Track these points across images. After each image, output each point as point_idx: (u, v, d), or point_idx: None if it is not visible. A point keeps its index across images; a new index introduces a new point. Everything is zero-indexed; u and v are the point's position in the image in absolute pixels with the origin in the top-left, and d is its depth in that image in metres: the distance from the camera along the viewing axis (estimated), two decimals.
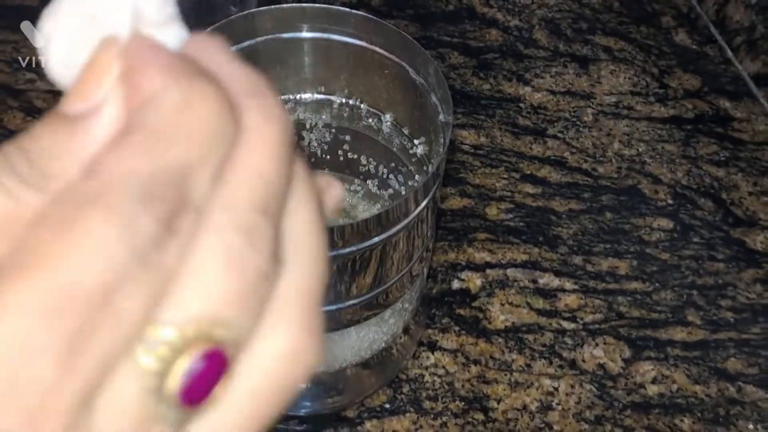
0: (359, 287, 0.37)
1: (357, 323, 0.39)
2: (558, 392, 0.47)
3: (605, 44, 0.67)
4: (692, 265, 0.53)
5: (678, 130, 0.61)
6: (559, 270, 0.52)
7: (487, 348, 0.48)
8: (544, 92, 0.63)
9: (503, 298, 0.50)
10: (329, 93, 0.44)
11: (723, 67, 0.66)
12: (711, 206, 0.57)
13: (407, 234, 0.36)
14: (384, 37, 0.40)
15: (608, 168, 0.58)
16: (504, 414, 0.45)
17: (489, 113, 0.61)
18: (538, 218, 0.55)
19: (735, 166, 0.59)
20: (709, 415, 0.46)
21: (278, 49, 0.41)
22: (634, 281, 0.52)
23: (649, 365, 0.48)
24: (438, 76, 0.37)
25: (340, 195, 0.19)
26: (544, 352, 0.48)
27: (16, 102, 0.58)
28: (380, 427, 0.44)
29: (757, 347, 0.50)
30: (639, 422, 0.46)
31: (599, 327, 0.50)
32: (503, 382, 0.47)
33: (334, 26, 0.40)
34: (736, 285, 0.53)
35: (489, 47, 0.66)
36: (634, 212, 0.56)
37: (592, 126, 0.61)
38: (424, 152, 0.42)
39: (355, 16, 0.39)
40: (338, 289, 0.36)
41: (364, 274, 0.36)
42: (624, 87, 0.64)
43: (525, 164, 0.58)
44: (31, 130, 0.16)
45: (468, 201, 0.55)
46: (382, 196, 0.46)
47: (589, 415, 0.46)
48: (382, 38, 0.40)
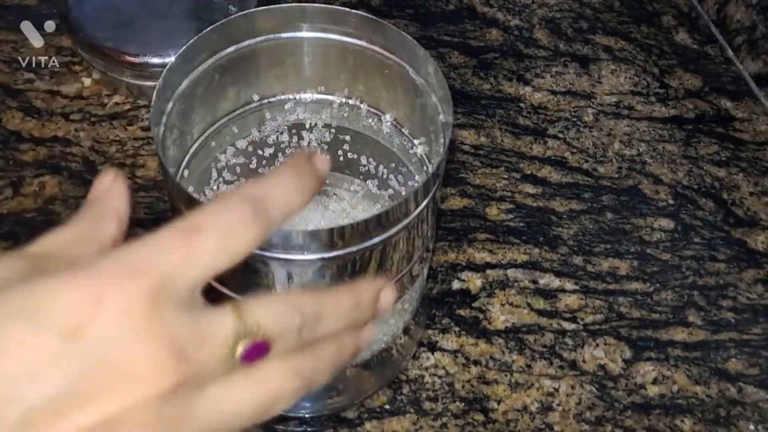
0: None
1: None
2: (558, 393, 0.46)
3: (606, 44, 0.67)
4: (693, 265, 0.53)
5: (679, 130, 0.61)
6: (560, 270, 0.52)
7: (488, 349, 0.48)
8: (545, 92, 0.63)
9: (503, 299, 0.50)
10: (329, 93, 0.44)
11: (724, 66, 0.66)
12: (712, 206, 0.57)
13: (407, 234, 0.36)
14: (384, 37, 0.40)
15: (609, 168, 0.58)
16: (504, 415, 0.45)
17: (489, 113, 0.61)
18: (539, 218, 0.55)
19: (736, 166, 0.59)
20: (710, 415, 0.46)
21: (278, 48, 0.41)
22: (634, 282, 0.52)
23: (650, 366, 0.48)
24: (438, 77, 0.37)
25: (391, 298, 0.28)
26: (544, 353, 0.48)
27: (15, 102, 0.58)
28: (380, 428, 0.44)
29: (758, 348, 0.50)
30: (639, 423, 0.46)
31: (600, 327, 0.50)
32: (503, 382, 0.47)
33: (334, 26, 0.40)
34: (737, 285, 0.53)
35: (489, 47, 0.66)
36: (634, 212, 0.56)
37: (593, 126, 0.61)
38: (424, 152, 0.42)
39: (355, 15, 0.39)
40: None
41: (364, 274, 0.36)
42: (624, 87, 0.64)
43: (525, 164, 0.58)
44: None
45: (468, 201, 0.55)
46: (382, 196, 0.46)
47: (590, 415, 0.46)
48: (382, 38, 0.40)
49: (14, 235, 0.50)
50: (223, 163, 0.44)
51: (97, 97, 0.59)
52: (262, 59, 0.42)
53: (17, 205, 0.52)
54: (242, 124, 0.44)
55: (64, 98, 0.58)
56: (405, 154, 0.44)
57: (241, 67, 0.41)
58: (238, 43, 0.40)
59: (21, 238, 0.50)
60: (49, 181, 0.53)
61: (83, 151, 0.55)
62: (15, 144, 0.55)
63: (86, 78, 0.60)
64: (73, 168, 0.54)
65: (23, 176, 0.53)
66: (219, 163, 0.44)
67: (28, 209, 0.52)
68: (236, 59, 0.40)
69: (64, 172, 0.54)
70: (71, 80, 0.59)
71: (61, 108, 0.58)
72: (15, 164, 0.54)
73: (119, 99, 0.58)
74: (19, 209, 0.52)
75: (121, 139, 0.56)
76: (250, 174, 0.46)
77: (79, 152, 0.55)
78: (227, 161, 0.45)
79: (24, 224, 0.51)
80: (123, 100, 0.58)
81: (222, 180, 0.45)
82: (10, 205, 0.52)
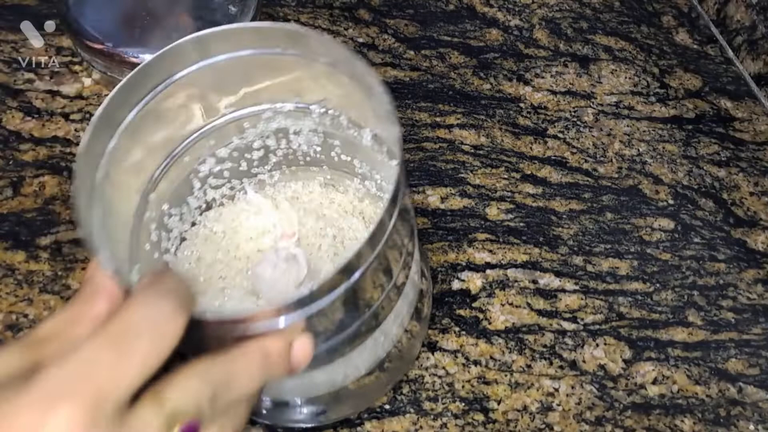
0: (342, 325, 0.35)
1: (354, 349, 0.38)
2: (558, 393, 0.46)
3: (606, 44, 0.67)
4: (693, 265, 0.53)
5: (679, 130, 0.61)
6: (560, 270, 0.52)
7: (488, 349, 0.48)
8: (545, 92, 0.63)
9: (503, 299, 0.50)
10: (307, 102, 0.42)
11: (724, 66, 0.66)
12: (712, 206, 0.57)
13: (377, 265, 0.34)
14: (334, 55, 0.37)
15: (609, 168, 0.58)
16: (504, 415, 0.45)
17: (489, 113, 0.61)
18: (539, 218, 0.55)
19: (736, 166, 0.59)
20: (710, 415, 0.46)
21: (232, 67, 0.39)
22: (634, 282, 0.52)
23: (650, 366, 0.48)
24: (382, 89, 0.35)
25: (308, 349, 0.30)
26: (544, 353, 0.48)
27: (15, 102, 0.58)
28: (380, 428, 0.44)
29: (758, 348, 0.50)
30: (640, 423, 0.46)
31: (600, 327, 0.50)
32: (503, 382, 0.47)
33: (289, 43, 0.38)
34: (737, 285, 0.53)
35: (489, 47, 0.66)
36: (634, 212, 0.56)
37: (593, 126, 0.61)
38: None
39: (280, 29, 0.37)
40: (324, 332, 0.34)
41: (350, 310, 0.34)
42: (624, 87, 0.64)
43: (525, 164, 0.58)
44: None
45: (468, 201, 0.55)
46: (383, 198, 0.45)
47: (590, 416, 0.46)
48: (332, 55, 0.37)
49: (14, 235, 0.50)
50: (206, 173, 0.44)
51: (97, 97, 0.59)
52: (217, 77, 0.39)
53: (17, 205, 0.52)
54: (219, 135, 0.43)
55: (64, 98, 0.58)
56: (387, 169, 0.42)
57: (198, 88, 0.40)
58: (184, 69, 0.38)
59: (21, 238, 0.50)
60: (49, 181, 0.53)
61: None
62: (15, 144, 0.55)
63: (86, 78, 0.60)
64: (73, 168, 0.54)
65: (23, 176, 0.53)
66: (200, 174, 0.43)
67: (28, 209, 0.52)
68: (189, 81, 0.39)
69: (64, 172, 0.54)
70: (71, 80, 0.59)
71: (61, 108, 0.58)
72: (15, 164, 0.54)
73: None
74: (19, 209, 0.52)
75: None
76: (241, 176, 0.46)
77: None
78: (210, 170, 0.44)
79: (24, 224, 0.51)
80: None
81: (208, 186, 0.44)
82: (10, 205, 0.52)
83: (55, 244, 0.50)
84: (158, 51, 0.37)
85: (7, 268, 0.49)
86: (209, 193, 0.45)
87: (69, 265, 0.49)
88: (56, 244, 0.50)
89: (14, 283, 0.48)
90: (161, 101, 0.38)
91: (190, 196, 0.44)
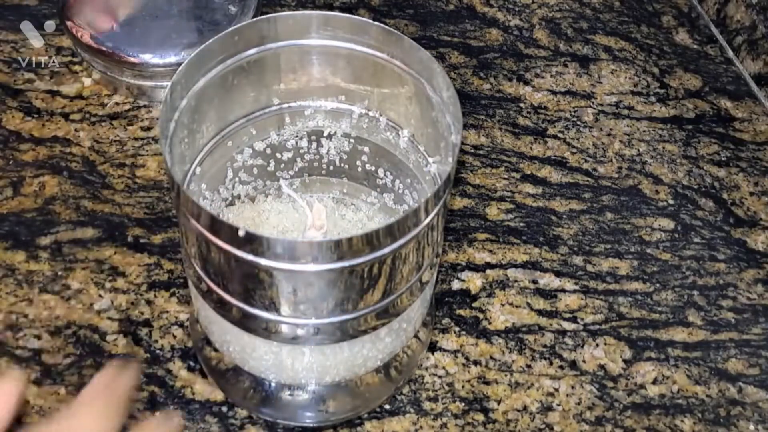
0: (368, 298, 0.36)
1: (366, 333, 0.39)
2: (558, 393, 0.46)
3: (606, 44, 0.67)
4: (693, 265, 0.53)
5: (679, 130, 0.61)
6: (560, 270, 0.52)
7: (488, 349, 0.48)
8: (545, 92, 0.63)
9: (503, 299, 0.50)
10: (350, 102, 0.44)
11: (724, 66, 0.66)
12: (712, 206, 0.57)
13: (417, 244, 0.35)
14: (402, 51, 0.39)
15: (609, 168, 0.58)
16: (504, 415, 0.45)
17: (489, 113, 0.61)
18: (539, 218, 0.55)
19: (736, 166, 0.59)
20: (710, 415, 0.46)
21: (298, 55, 0.41)
22: (634, 282, 0.52)
23: (650, 366, 0.48)
24: (451, 93, 0.37)
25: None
26: (544, 353, 0.48)
27: (15, 102, 0.58)
28: (380, 428, 0.44)
29: (758, 348, 0.50)
30: (640, 423, 0.46)
31: (600, 327, 0.50)
32: (503, 382, 0.47)
33: (354, 36, 0.40)
34: (737, 285, 0.53)
35: (489, 47, 0.66)
36: (634, 212, 0.56)
37: (593, 126, 0.61)
38: (438, 171, 0.41)
39: (376, 27, 0.39)
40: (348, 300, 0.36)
41: (374, 285, 0.35)
42: (624, 87, 0.64)
43: (525, 164, 0.58)
44: None
45: (468, 201, 0.55)
46: (398, 211, 0.46)
47: (590, 416, 0.46)
48: (400, 51, 0.39)
49: (14, 235, 0.50)
50: (240, 164, 0.44)
51: (97, 97, 0.59)
52: (282, 63, 0.41)
53: (17, 205, 0.52)
54: (261, 126, 0.44)
55: (64, 98, 0.58)
56: (420, 171, 0.43)
57: (262, 70, 0.41)
58: (258, 46, 0.40)
59: (21, 238, 0.50)
60: (49, 181, 0.53)
61: (83, 151, 0.55)
62: (15, 144, 0.55)
63: (86, 78, 0.60)
64: (73, 168, 0.54)
65: (23, 176, 0.53)
66: (235, 163, 0.44)
67: (28, 209, 0.52)
68: (257, 61, 0.40)
69: (64, 172, 0.54)
70: (71, 80, 0.59)
71: (61, 108, 0.58)
72: (15, 164, 0.54)
73: (119, 99, 0.58)
74: (19, 209, 0.52)
75: (121, 139, 0.56)
76: (267, 177, 0.46)
77: (79, 152, 0.55)
78: (244, 162, 0.44)
79: (24, 224, 0.51)
80: (123, 100, 0.58)
81: (238, 180, 0.45)
82: (10, 205, 0.52)
83: (55, 244, 0.50)
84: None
85: (7, 268, 0.49)
86: (237, 188, 0.45)
87: (69, 265, 0.49)
88: (56, 244, 0.50)
89: (14, 283, 0.48)
90: (230, 74, 0.40)
91: (221, 185, 0.44)
